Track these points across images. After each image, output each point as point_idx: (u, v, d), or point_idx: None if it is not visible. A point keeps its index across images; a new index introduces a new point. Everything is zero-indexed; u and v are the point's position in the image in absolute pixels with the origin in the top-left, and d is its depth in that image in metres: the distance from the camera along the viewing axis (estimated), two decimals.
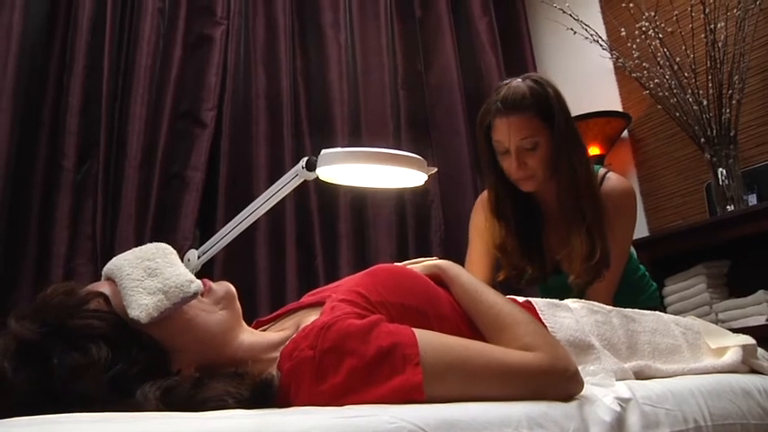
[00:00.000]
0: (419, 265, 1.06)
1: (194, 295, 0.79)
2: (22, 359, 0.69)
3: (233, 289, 0.87)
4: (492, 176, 1.57)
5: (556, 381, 0.81)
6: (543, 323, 1.04)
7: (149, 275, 0.78)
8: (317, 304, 0.91)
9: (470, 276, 1.01)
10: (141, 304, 0.75)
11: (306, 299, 1.00)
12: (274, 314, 1.01)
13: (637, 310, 1.26)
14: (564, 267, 1.56)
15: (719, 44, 2.19)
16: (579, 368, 0.95)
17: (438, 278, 1.00)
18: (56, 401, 0.67)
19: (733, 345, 1.24)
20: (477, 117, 1.54)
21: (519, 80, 1.49)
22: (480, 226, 1.67)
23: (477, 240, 1.71)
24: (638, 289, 1.68)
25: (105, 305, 0.76)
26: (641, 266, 1.74)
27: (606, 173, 1.60)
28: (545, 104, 1.45)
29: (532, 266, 1.59)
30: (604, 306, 1.19)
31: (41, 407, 0.63)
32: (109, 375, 0.69)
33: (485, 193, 1.68)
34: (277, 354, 0.83)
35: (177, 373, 0.77)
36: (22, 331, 0.70)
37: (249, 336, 0.87)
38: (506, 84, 1.50)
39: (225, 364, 0.82)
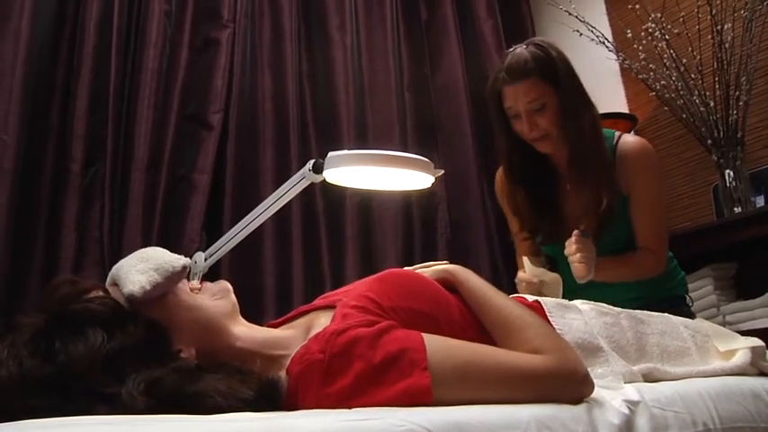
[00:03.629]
0: (429, 269, 1.06)
1: (183, 269, 0.86)
2: (34, 347, 0.73)
3: (227, 284, 0.94)
4: (505, 142, 1.64)
5: (565, 384, 0.81)
6: (552, 325, 1.05)
7: (142, 261, 0.85)
8: (329, 307, 0.92)
9: (480, 280, 1.01)
10: (135, 281, 0.81)
11: (318, 302, 1.01)
12: (286, 317, 1.02)
13: (646, 312, 1.26)
14: (577, 225, 1.57)
15: (726, 45, 2.18)
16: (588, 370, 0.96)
17: (448, 282, 1.01)
18: (62, 388, 0.70)
19: (741, 347, 1.24)
20: (486, 87, 1.63)
21: (522, 46, 1.57)
22: (503, 195, 1.76)
23: (508, 212, 1.78)
24: (666, 275, 1.66)
25: (105, 294, 0.81)
26: (669, 253, 1.70)
27: (621, 135, 1.64)
28: (548, 67, 1.53)
29: (547, 225, 1.64)
30: (614, 308, 1.19)
31: (54, 395, 0.69)
32: (103, 354, 0.72)
33: (500, 169, 1.75)
34: (285, 352, 0.86)
35: (178, 352, 0.80)
36: (31, 320, 0.76)
37: (247, 328, 0.91)
38: (510, 51, 1.58)
39: (227, 354, 0.85)
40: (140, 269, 0.82)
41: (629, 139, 1.62)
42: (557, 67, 1.53)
